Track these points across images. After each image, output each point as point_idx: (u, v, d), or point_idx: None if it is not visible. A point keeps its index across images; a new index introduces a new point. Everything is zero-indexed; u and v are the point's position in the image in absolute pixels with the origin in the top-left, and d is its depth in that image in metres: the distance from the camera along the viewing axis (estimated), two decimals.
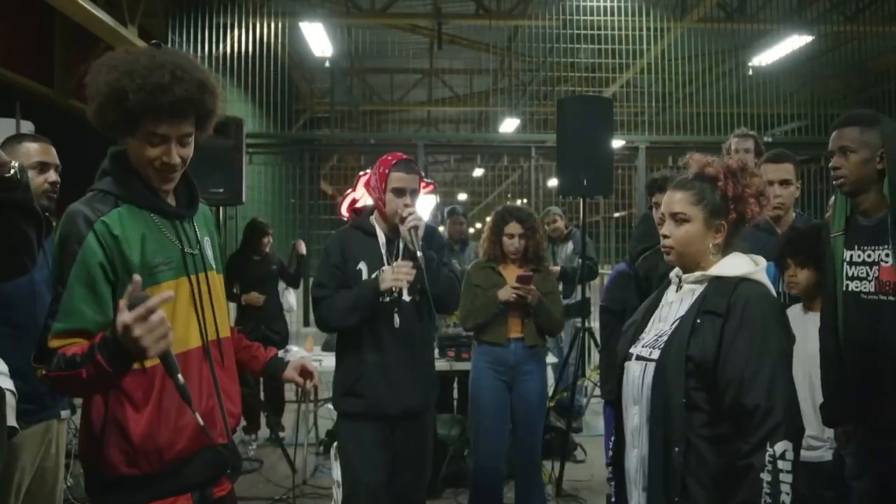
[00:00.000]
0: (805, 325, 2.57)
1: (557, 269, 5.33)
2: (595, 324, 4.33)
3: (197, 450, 1.63)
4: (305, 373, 1.99)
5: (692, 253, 1.77)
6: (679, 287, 1.82)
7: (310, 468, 4.63)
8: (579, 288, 4.84)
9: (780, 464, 1.54)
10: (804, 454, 2.54)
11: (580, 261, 4.80)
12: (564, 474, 4.21)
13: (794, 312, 2.69)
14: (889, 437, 2.12)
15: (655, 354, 1.72)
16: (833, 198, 3.78)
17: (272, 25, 7.65)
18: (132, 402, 1.57)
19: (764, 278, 1.75)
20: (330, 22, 8.44)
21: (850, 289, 2.24)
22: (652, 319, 1.85)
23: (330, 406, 5.52)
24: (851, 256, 2.24)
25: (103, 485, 1.61)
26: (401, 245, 2.63)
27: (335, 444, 2.20)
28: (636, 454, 1.74)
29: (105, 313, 1.54)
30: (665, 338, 1.73)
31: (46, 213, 2.31)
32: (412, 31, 10.33)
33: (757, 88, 8.45)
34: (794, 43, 7.77)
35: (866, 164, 2.18)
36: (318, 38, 8.18)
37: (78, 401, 4.54)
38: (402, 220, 2.53)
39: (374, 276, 2.56)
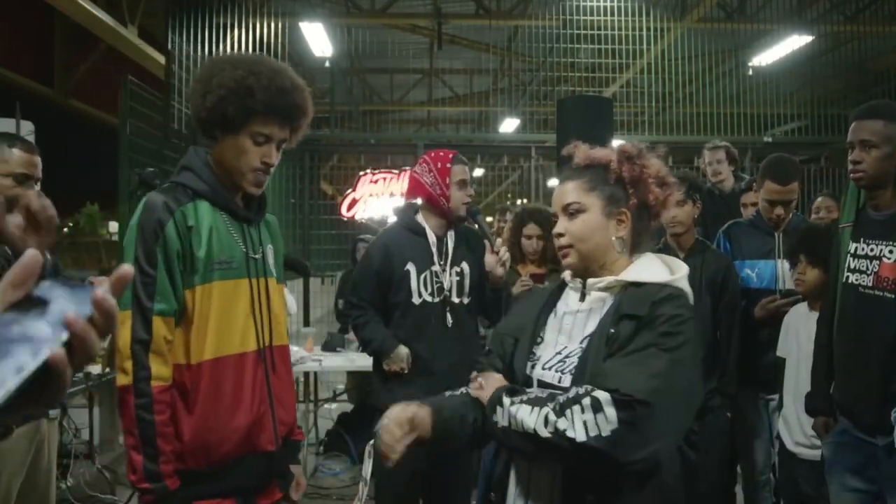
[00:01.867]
0: (808, 324, 2.57)
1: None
2: None
3: (243, 454, 1.63)
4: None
5: (593, 250, 1.46)
6: (584, 295, 1.49)
7: (310, 468, 4.62)
8: None
9: (585, 401, 1.26)
10: (807, 452, 2.57)
11: None
12: None
13: (799, 311, 2.68)
14: (870, 433, 2.12)
15: (566, 381, 1.39)
16: (818, 199, 3.79)
17: (272, 25, 7.65)
18: (185, 398, 1.59)
19: (686, 286, 1.46)
20: (330, 22, 8.44)
21: (850, 281, 2.22)
22: (549, 329, 1.51)
23: (329, 406, 5.54)
24: (856, 249, 2.22)
25: None
26: (450, 244, 2.59)
27: (372, 441, 2.12)
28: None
29: (179, 301, 1.59)
30: (575, 359, 1.40)
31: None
32: (412, 31, 10.33)
33: (757, 88, 8.44)
34: (794, 43, 7.77)
35: (887, 159, 2.12)
36: (318, 38, 8.18)
37: (69, 401, 4.53)
38: (470, 213, 2.57)
39: (396, 345, 2.52)
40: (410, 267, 2.51)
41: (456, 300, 2.52)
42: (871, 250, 2.17)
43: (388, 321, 2.56)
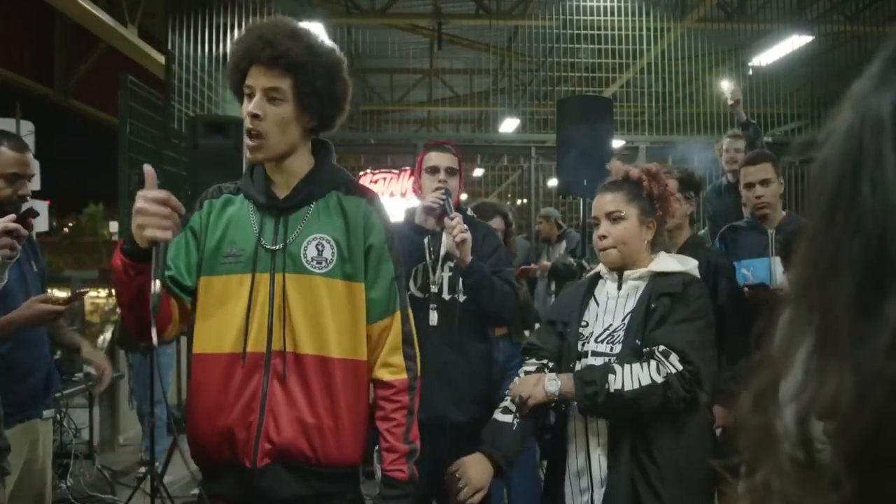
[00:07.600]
0: None
1: (548, 264, 5.37)
2: None
3: (225, 462, 1.53)
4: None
5: (632, 250, 1.83)
6: (621, 284, 1.86)
7: None
8: None
9: (669, 359, 1.65)
10: None
11: (570, 259, 4.86)
12: None
13: None
14: None
15: (617, 349, 1.75)
16: None
17: None
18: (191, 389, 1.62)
19: (697, 274, 1.88)
20: (330, 22, 8.44)
21: None
22: (590, 313, 1.88)
23: None
24: None
25: None
26: (444, 238, 2.40)
27: (377, 448, 2.11)
28: (583, 456, 1.77)
29: (190, 270, 1.57)
30: (621, 332, 1.77)
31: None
32: (412, 31, 10.33)
33: (757, 88, 8.44)
34: (794, 43, 7.77)
35: None
36: None
37: (69, 401, 4.54)
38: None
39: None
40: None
41: (447, 297, 2.39)
42: None
43: None
